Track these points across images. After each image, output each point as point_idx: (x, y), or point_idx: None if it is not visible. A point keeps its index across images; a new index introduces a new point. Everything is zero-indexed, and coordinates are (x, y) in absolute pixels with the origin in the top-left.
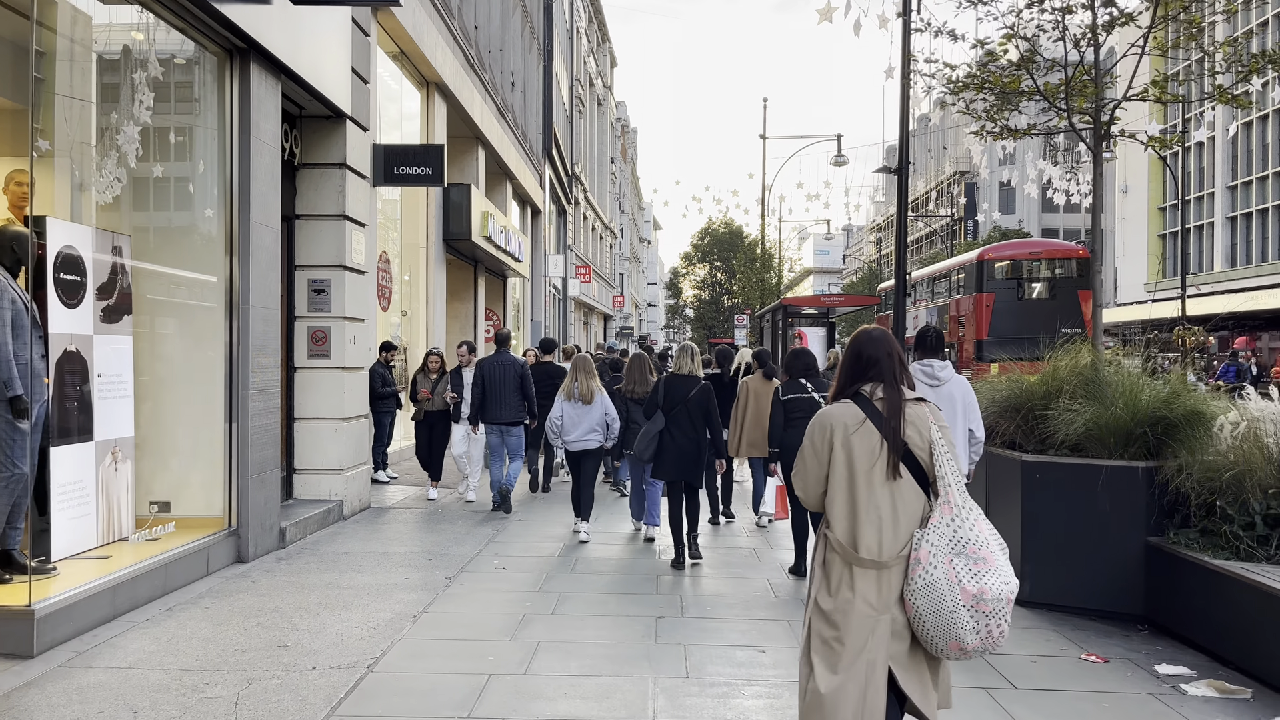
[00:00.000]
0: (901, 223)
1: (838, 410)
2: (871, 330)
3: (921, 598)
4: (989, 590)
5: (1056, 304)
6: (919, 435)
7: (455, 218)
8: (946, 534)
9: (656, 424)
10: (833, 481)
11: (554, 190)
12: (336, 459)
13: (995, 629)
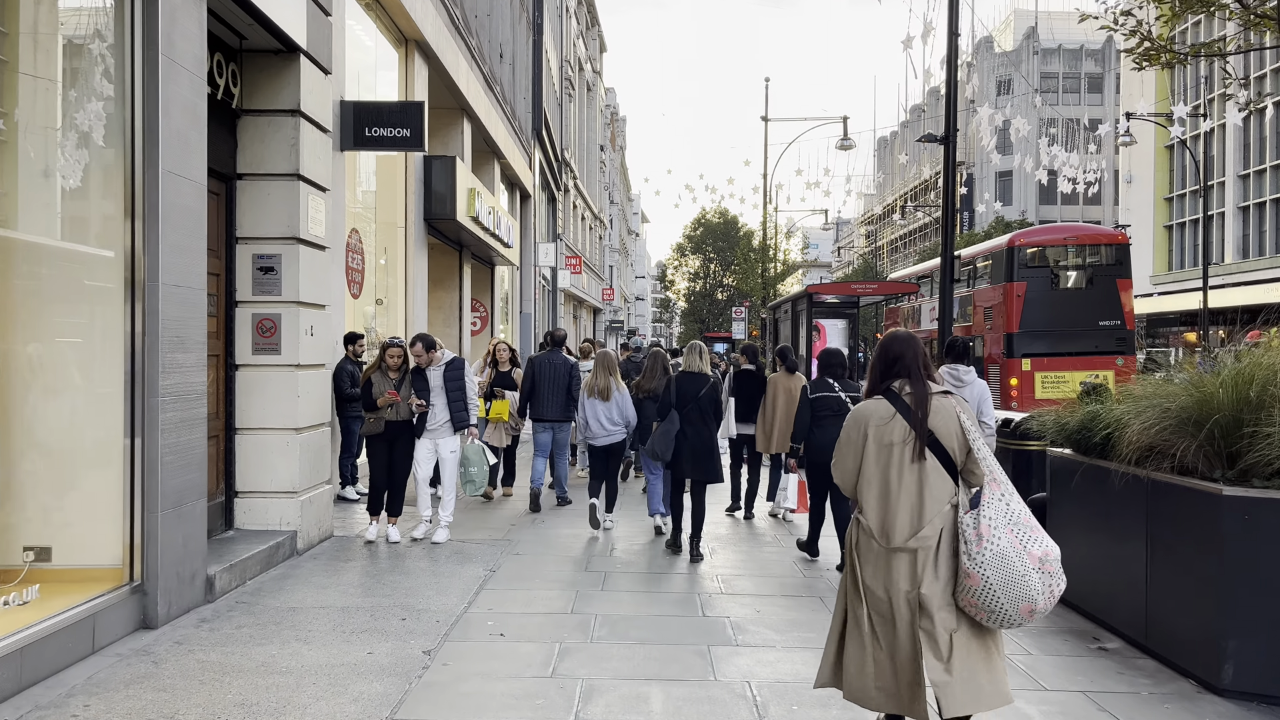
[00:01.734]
0: (949, 194)
1: (870, 405)
2: (899, 332)
3: (991, 567)
4: (1051, 552)
5: (1093, 293)
6: (945, 425)
7: (438, 194)
8: (1001, 508)
9: (673, 424)
10: (865, 470)
11: (544, 175)
12: (289, 479)
13: (1057, 587)
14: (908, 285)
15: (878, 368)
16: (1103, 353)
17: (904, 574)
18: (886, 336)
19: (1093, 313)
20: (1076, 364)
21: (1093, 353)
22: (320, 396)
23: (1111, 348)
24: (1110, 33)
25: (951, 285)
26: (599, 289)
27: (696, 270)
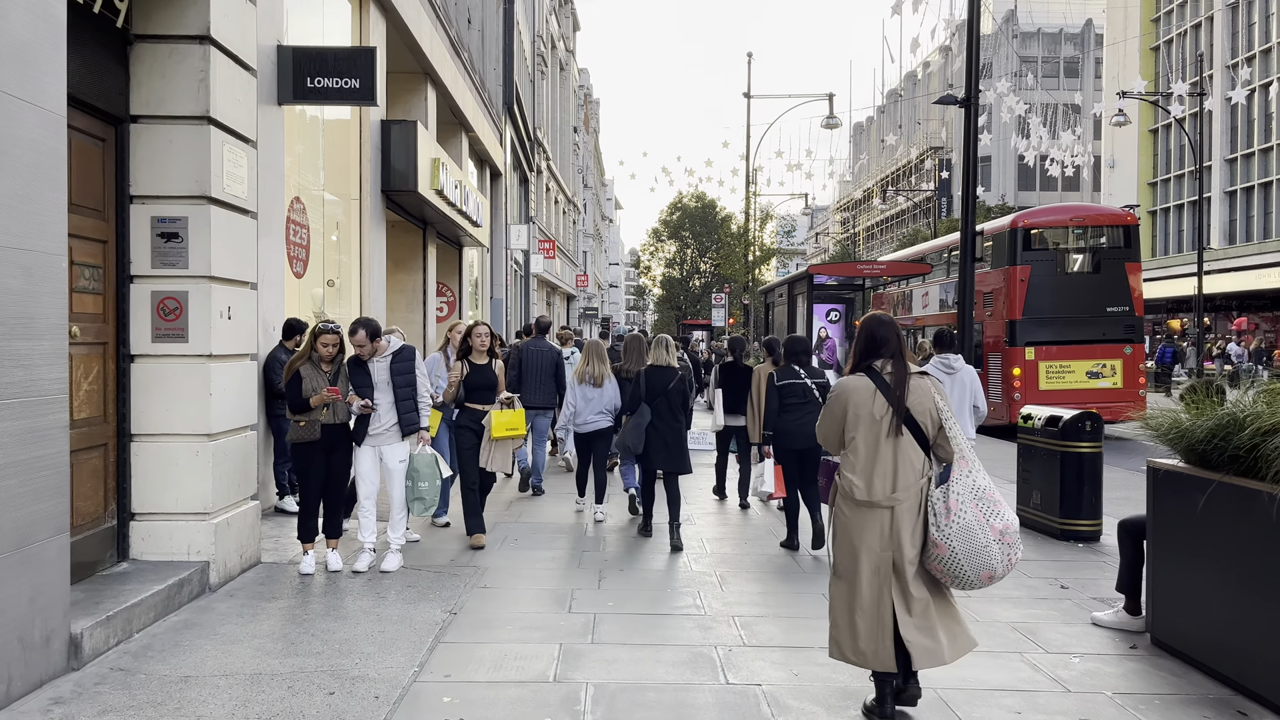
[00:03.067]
0: (970, 162)
1: (853, 381)
2: (880, 315)
3: (957, 539)
4: (1011, 524)
5: (1100, 278)
6: (920, 403)
7: (398, 164)
8: (968, 484)
9: (643, 416)
10: (850, 438)
11: (515, 153)
12: (199, 497)
13: (1015, 556)
14: (919, 265)
15: (860, 347)
16: (1110, 341)
17: (875, 532)
18: (869, 318)
19: (1100, 298)
20: (1082, 353)
21: (1100, 341)
22: (243, 394)
23: (1120, 335)
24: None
25: (973, 262)
26: (573, 275)
27: (673, 256)
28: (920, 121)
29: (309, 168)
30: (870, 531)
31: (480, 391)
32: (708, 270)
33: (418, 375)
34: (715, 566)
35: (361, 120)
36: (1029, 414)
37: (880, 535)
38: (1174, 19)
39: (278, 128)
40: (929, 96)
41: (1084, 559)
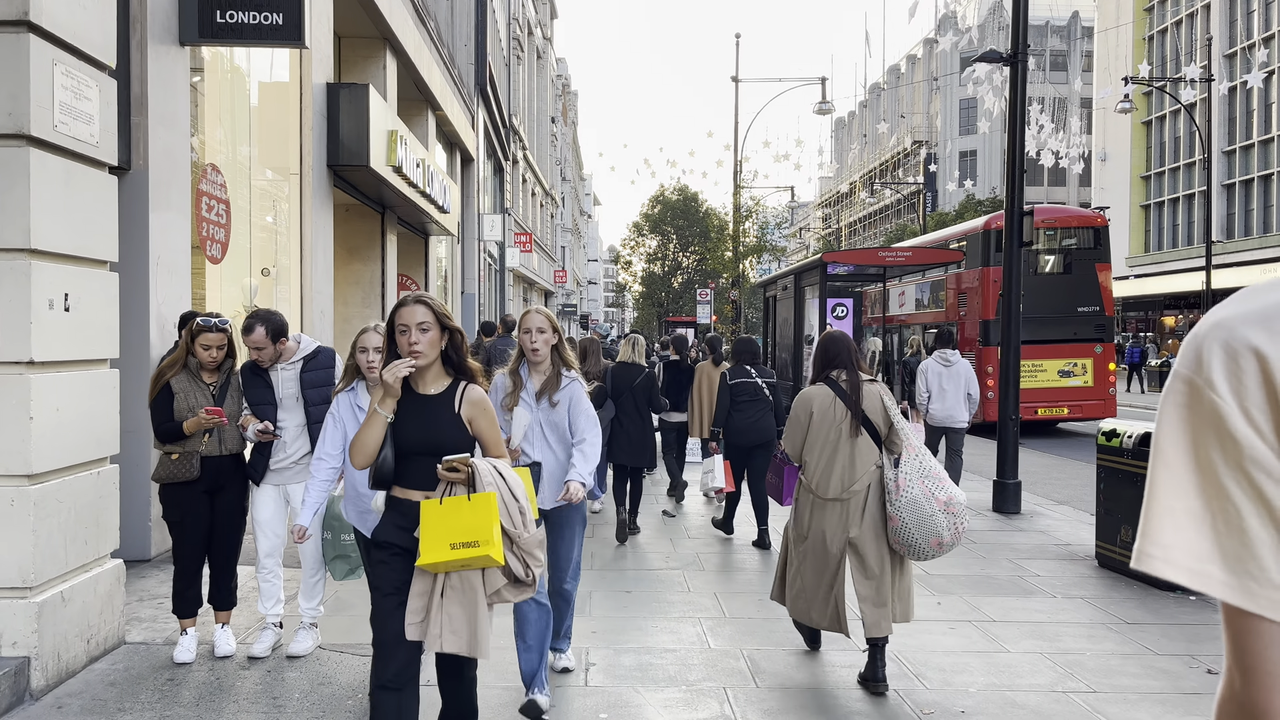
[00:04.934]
0: (1016, 135)
1: (814, 390)
2: (834, 333)
3: (906, 510)
4: (955, 497)
5: (1071, 279)
6: (872, 406)
7: (348, 134)
8: (915, 465)
9: (608, 413)
10: (810, 441)
11: (489, 139)
12: (15, 565)
13: (961, 526)
14: (950, 252)
15: (819, 360)
16: (1081, 340)
17: (835, 520)
18: (824, 336)
19: (1071, 298)
20: (1054, 352)
21: (1071, 340)
22: (94, 415)
23: (1090, 335)
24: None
25: (1020, 245)
26: (550, 270)
27: (654, 251)
28: (905, 115)
29: (233, 133)
30: (830, 520)
31: (412, 459)
32: (690, 266)
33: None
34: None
35: (302, 82)
36: (1113, 429)
37: (839, 521)
38: (1168, 7)
39: (180, 74)
40: (913, 88)
41: (1213, 620)
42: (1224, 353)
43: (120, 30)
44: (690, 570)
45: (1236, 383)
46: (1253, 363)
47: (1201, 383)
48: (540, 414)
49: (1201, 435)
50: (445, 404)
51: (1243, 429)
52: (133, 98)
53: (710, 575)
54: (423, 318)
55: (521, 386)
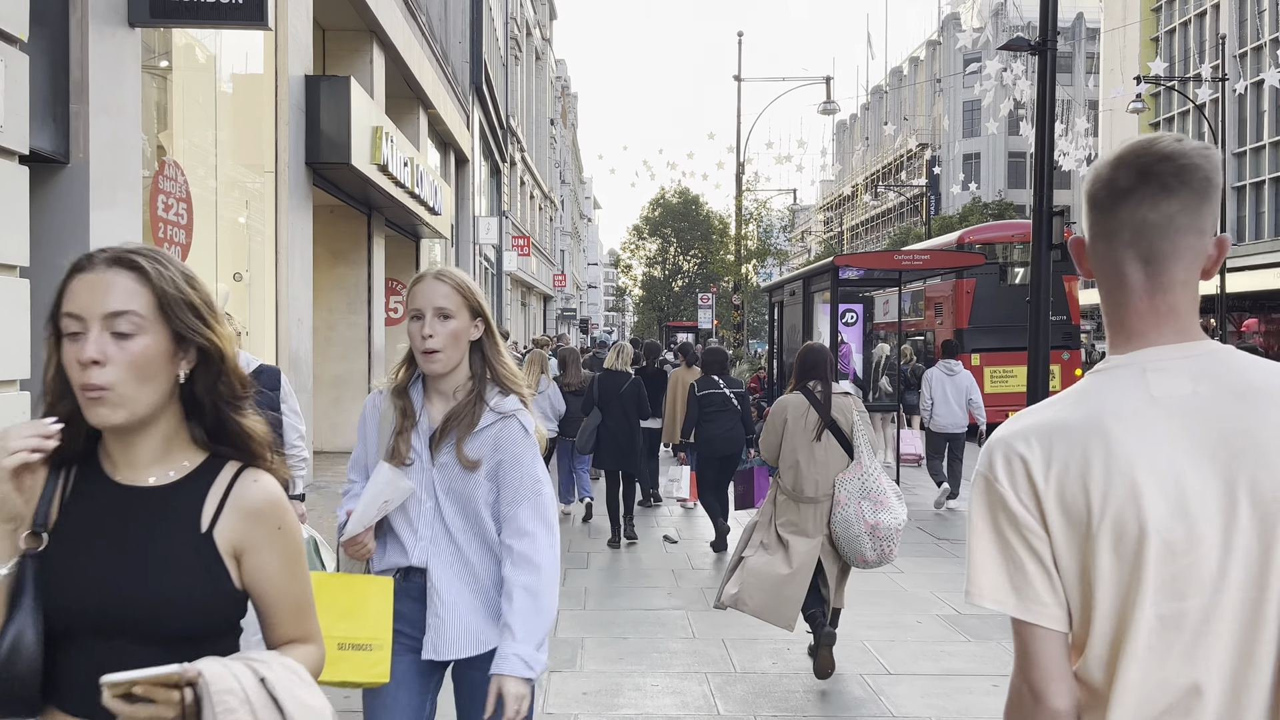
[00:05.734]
0: (1044, 129)
1: (790, 398)
2: (813, 345)
3: (839, 526)
4: (882, 523)
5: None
6: (843, 416)
7: (329, 129)
8: (856, 484)
9: (594, 419)
10: (785, 446)
11: (485, 140)
12: None
13: (887, 549)
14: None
15: (797, 371)
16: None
17: (811, 520)
18: (804, 348)
19: None
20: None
21: None
22: None
23: (1059, 342)
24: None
25: (1049, 249)
26: (550, 274)
27: (654, 255)
28: (908, 117)
29: (200, 127)
30: (806, 520)
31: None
32: (691, 270)
33: (284, 413)
34: None
35: (278, 73)
36: None
37: (815, 522)
38: (1176, 7)
39: (129, 58)
40: (916, 90)
41: None
42: (1003, 458)
43: (57, 7)
44: (695, 610)
45: (1010, 477)
46: (1020, 464)
47: (991, 478)
48: (435, 476)
49: (994, 511)
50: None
51: (1016, 506)
52: (71, 83)
53: (718, 617)
54: None
55: (413, 420)
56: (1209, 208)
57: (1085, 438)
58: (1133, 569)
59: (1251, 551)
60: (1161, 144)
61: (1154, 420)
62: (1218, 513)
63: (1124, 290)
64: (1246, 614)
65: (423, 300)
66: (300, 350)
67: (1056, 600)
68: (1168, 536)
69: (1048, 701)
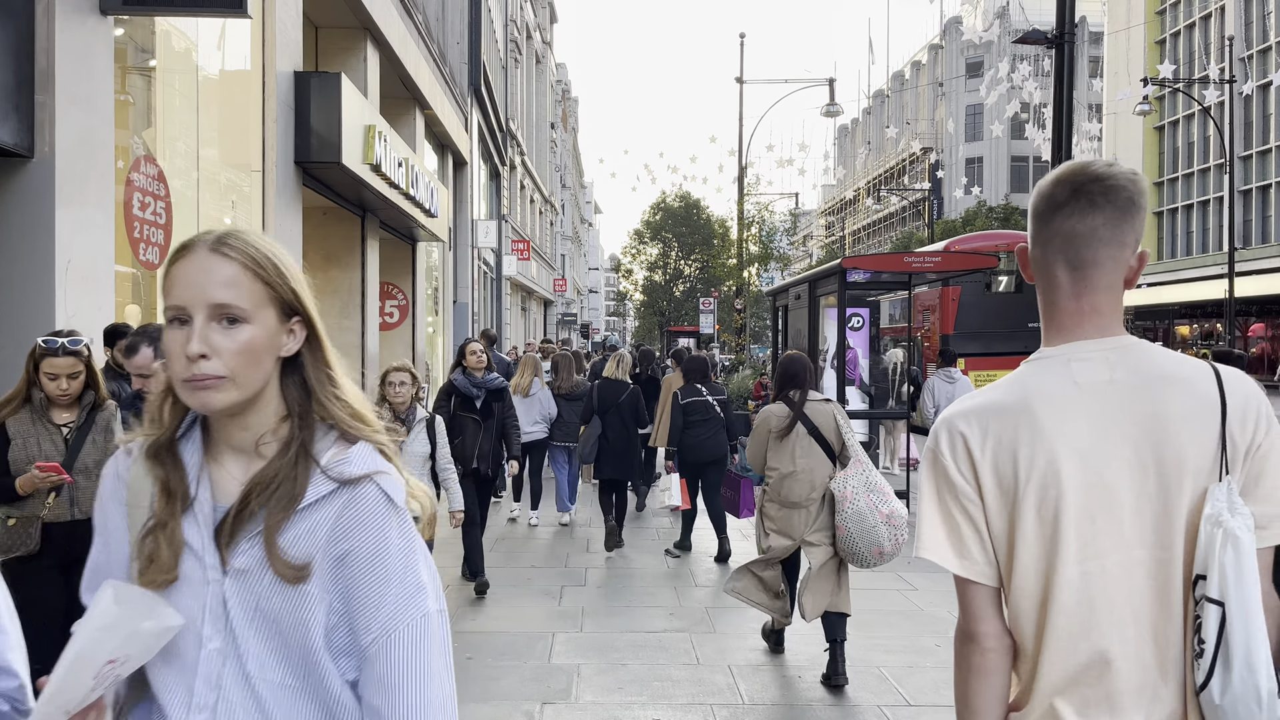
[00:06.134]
0: (1062, 122)
1: (773, 408)
2: (794, 355)
3: (851, 521)
4: (896, 510)
5: (1022, 297)
6: (825, 423)
7: (319, 127)
8: (861, 479)
9: (595, 428)
10: (771, 453)
11: (484, 142)
12: None
13: (901, 537)
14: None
15: (779, 381)
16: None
17: (797, 524)
18: (785, 358)
19: (1022, 315)
20: (1007, 364)
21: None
22: None
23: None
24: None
25: None
26: (550, 279)
27: (655, 259)
28: (910, 121)
29: (178, 122)
30: (794, 523)
31: None
32: (692, 274)
33: None
34: None
35: (265, 68)
36: None
37: (800, 525)
38: (1180, 10)
39: (101, 48)
40: (918, 95)
41: None
42: (947, 435)
43: None
44: (699, 632)
45: (953, 452)
46: (961, 441)
47: (938, 452)
48: (229, 592)
49: (938, 481)
50: None
51: (957, 477)
52: (37, 72)
53: (723, 639)
54: None
55: (182, 499)
56: (1130, 224)
57: (1016, 417)
58: (1053, 531)
59: (1158, 518)
60: (1095, 166)
61: (1076, 403)
62: (1129, 482)
63: (1055, 291)
64: (1155, 572)
65: (187, 291)
66: None
67: (987, 559)
68: (1084, 503)
69: (980, 641)
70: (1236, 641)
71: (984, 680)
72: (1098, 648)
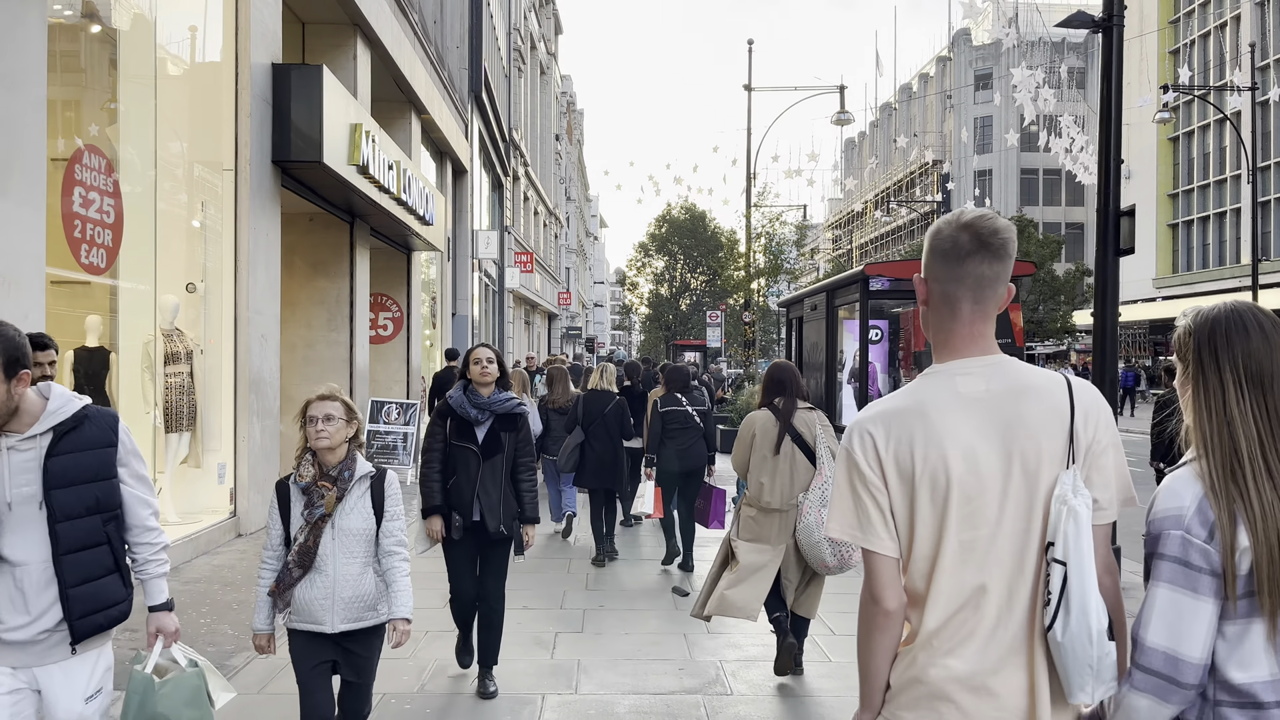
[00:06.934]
0: (1111, 116)
1: (758, 414)
2: (781, 363)
3: (801, 535)
4: None
5: None
6: (808, 430)
7: (300, 123)
8: (818, 494)
9: (576, 438)
10: (754, 459)
11: (485, 151)
12: None
13: (847, 554)
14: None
15: (765, 389)
16: None
17: (775, 528)
18: (772, 367)
19: None
20: None
21: None
22: None
23: None
24: None
25: (1116, 254)
26: (554, 292)
27: (661, 272)
28: (917, 134)
29: (133, 113)
30: (771, 529)
31: None
32: (698, 288)
33: (123, 480)
34: None
35: (238, 59)
36: None
37: (778, 530)
38: (1195, 19)
39: (32, 21)
40: (926, 108)
41: None
42: (858, 435)
43: None
44: (714, 697)
45: (863, 448)
46: (869, 439)
47: (850, 448)
48: None
49: (850, 472)
50: None
51: (866, 468)
52: None
53: (747, 711)
54: None
55: None
56: (1010, 268)
57: (912, 419)
58: (941, 509)
59: (1021, 499)
60: (991, 220)
61: (959, 408)
62: (999, 472)
63: (955, 320)
64: (1018, 540)
65: None
66: (263, 371)
67: (889, 535)
68: (964, 487)
69: (883, 604)
70: (1074, 593)
71: (884, 635)
72: (968, 592)
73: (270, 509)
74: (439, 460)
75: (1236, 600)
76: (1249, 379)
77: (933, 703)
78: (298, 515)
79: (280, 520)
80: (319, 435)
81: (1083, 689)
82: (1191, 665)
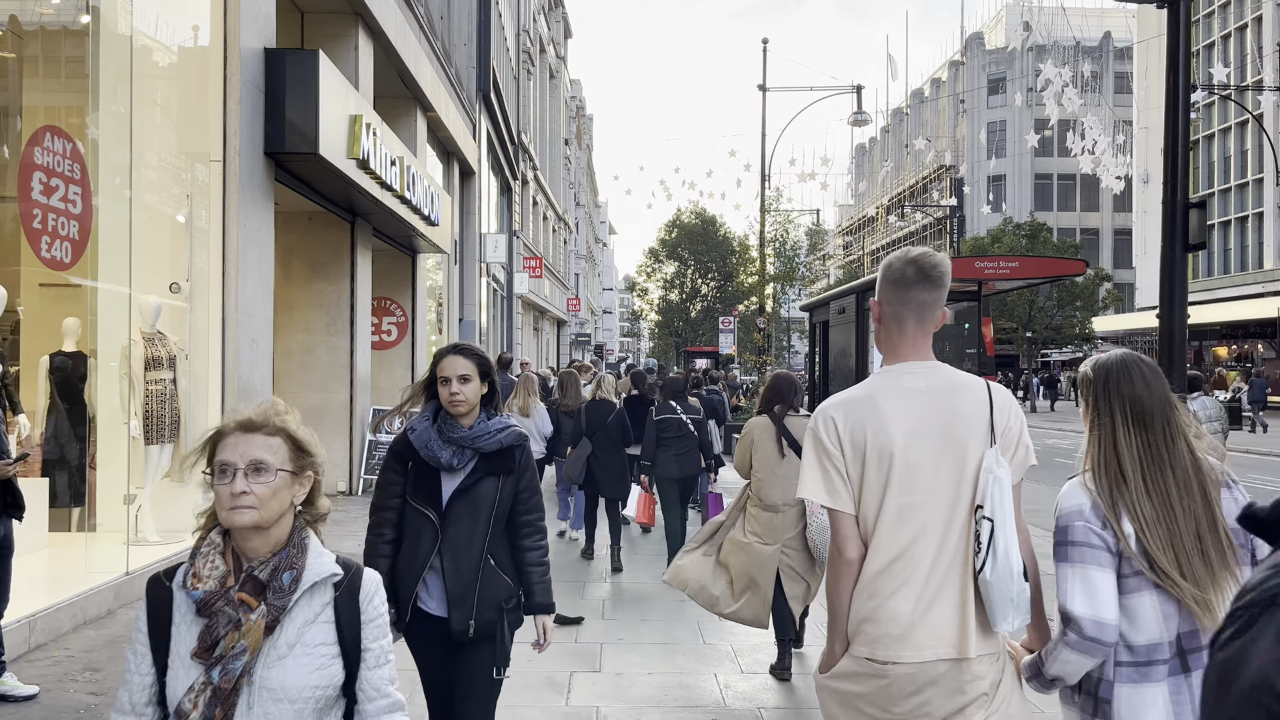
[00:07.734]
0: (1178, 100)
1: (757, 420)
2: (781, 373)
3: (818, 534)
4: None
5: (957, 328)
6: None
7: (294, 113)
8: None
9: (584, 449)
10: (755, 460)
11: (494, 153)
12: None
13: None
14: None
15: (765, 397)
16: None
17: (773, 527)
18: (773, 377)
19: (960, 343)
20: None
21: None
22: None
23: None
24: None
25: (1185, 249)
26: (563, 298)
27: (671, 278)
28: (930, 139)
29: (104, 94)
30: (764, 525)
31: None
32: (709, 294)
33: None
34: None
35: (227, 42)
36: None
37: (772, 528)
38: (1215, 21)
39: None
40: (938, 113)
41: None
42: (823, 419)
43: None
44: None
45: (827, 429)
46: (832, 422)
47: (816, 430)
48: None
49: (818, 449)
50: None
51: (829, 445)
52: None
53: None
54: None
55: None
56: (945, 294)
57: (865, 406)
58: (885, 477)
59: (951, 471)
60: (931, 256)
61: (903, 398)
62: (933, 450)
63: (903, 335)
64: (948, 504)
65: None
66: (254, 378)
67: (850, 496)
68: (905, 460)
69: (845, 554)
70: (1000, 542)
71: (846, 580)
72: (904, 543)
73: (133, 635)
74: (391, 525)
75: (1124, 578)
76: (1134, 418)
77: (882, 633)
78: (186, 661)
79: (150, 658)
80: (236, 501)
81: (1005, 618)
82: (1110, 626)
